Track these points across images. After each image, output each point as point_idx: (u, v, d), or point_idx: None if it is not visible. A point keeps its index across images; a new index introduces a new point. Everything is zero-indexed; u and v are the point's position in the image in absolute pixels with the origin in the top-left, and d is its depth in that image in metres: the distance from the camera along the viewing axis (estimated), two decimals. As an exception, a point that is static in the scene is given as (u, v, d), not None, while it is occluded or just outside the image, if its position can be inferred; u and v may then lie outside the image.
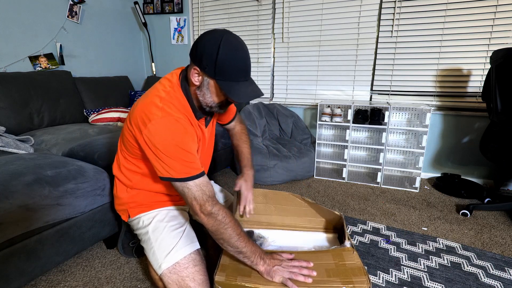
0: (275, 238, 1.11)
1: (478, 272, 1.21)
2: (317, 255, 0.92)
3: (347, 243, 0.96)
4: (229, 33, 0.83)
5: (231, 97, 0.82)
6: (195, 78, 0.85)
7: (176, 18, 3.02)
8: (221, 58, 0.79)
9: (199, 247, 0.99)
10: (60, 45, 2.34)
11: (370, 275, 1.19)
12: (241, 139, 1.23)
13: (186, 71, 0.91)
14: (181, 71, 0.92)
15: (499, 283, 1.15)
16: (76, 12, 2.44)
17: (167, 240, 0.94)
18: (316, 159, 2.34)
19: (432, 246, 1.40)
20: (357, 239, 1.46)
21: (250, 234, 1.11)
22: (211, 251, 1.26)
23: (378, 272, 1.22)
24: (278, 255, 0.87)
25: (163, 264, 0.89)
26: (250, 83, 0.87)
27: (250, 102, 2.73)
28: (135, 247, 1.26)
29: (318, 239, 1.10)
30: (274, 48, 2.69)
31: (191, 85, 0.89)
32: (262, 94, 0.88)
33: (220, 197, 1.28)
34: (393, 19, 2.21)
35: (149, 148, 0.82)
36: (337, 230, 1.12)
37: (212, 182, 1.35)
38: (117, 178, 1.05)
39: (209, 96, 0.87)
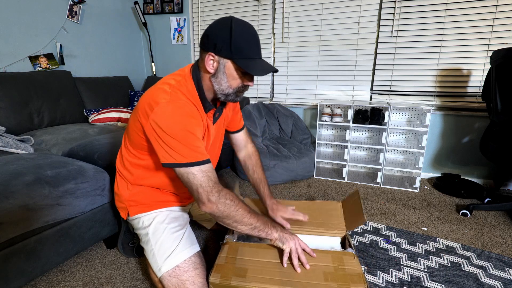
0: None
1: (478, 272, 1.21)
2: (316, 255, 0.91)
3: (349, 249, 0.95)
4: (234, 17, 0.86)
5: (250, 71, 0.83)
6: (210, 65, 0.85)
7: (176, 18, 3.02)
8: (235, 36, 0.82)
9: (199, 249, 0.98)
10: (60, 45, 2.34)
11: (370, 275, 1.19)
12: (257, 164, 1.22)
13: (197, 64, 0.91)
14: (192, 65, 0.93)
15: (499, 283, 1.15)
16: (76, 12, 2.44)
17: (167, 242, 0.93)
18: (316, 159, 2.34)
19: (432, 246, 1.40)
20: (357, 239, 1.46)
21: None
22: (211, 252, 1.26)
23: (378, 272, 1.22)
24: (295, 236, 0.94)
25: (163, 267, 0.89)
26: (263, 60, 0.89)
27: (250, 101, 2.73)
28: (135, 247, 1.26)
29: (320, 242, 1.09)
30: (274, 48, 2.69)
31: (204, 74, 0.89)
32: (277, 70, 0.90)
33: None
34: (393, 19, 2.21)
35: (155, 132, 0.80)
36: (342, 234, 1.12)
37: None
38: (119, 172, 1.04)
39: (225, 81, 0.87)
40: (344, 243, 1.07)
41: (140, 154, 0.96)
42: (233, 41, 0.81)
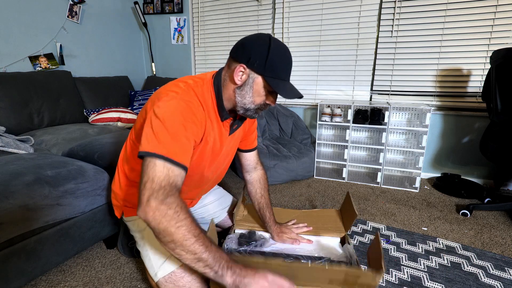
0: (274, 241, 1.10)
1: (478, 272, 1.21)
2: (327, 272, 0.79)
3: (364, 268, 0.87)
4: (272, 36, 0.87)
5: (280, 92, 0.82)
6: (239, 76, 0.83)
7: (176, 18, 3.02)
8: (272, 54, 0.81)
9: None
10: (60, 45, 2.34)
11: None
12: (265, 188, 1.17)
13: (221, 72, 0.89)
14: (215, 73, 0.91)
15: (499, 283, 1.15)
16: (76, 12, 2.44)
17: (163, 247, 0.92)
18: (316, 159, 2.34)
19: (432, 246, 1.40)
20: (357, 239, 1.46)
21: (251, 234, 1.11)
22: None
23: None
24: (266, 277, 0.68)
25: (159, 273, 0.88)
26: (291, 84, 0.89)
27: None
28: (135, 247, 1.26)
29: (321, 242, 1.09)
30: (274, 48, 2.68)
31: (229, 84, 0.86)
32: (302, 96, 0.88)
33: (220, 203, 1.27)
34: (393, 19, 2.21)
35: (150, 119, 0.75)
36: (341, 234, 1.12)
37: (215, 185, 1.35)
38: (120, 168, 1.02)
39: (250, 95, 0.85)
40: (343, 243, 1.07)
41: None
42: (270, 58, 0.81)
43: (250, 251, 0.99)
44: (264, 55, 0.81)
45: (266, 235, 1.13)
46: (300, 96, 0.86)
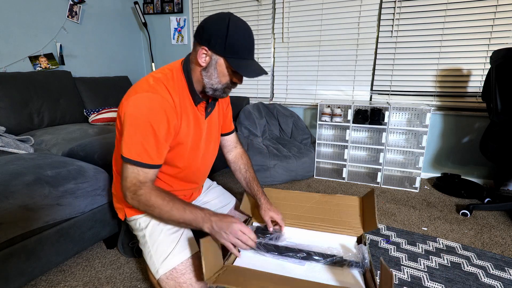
0: (291, 235, 1.10)
1: (478, 272, 1.21)
2: None
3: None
4: (233, 14, 0.86)
5: (241, 72, 0.84)
6: (203, 58, 0.85)
7: (176, 18, 3.02)
8: (230, 34, 0.81)
9: (198, 250, 0.97)
10: (60, 45, 2.34)
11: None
12: (248, 164, 1.22)
13: (188, 57, 0.92)
14: (183, 59, 0.94)
15: (499, 283, 1.15)
16: (76, 12, 2.44)
17: (164, 244, 0.92)
18: (316, 159, 2.34)
19: (432, 246, 1.40)
20: (357, 239, 1.46)
21: (267, 228, 1.09)
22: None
23: (378, 272, 1.22)
24: (232, 218, 0.87)
25: (160, 270, 0.88)
26: (255, 62, 0.89)
27: (250, 101, 2.73)
28: (135, 247, 1.26)
29: (333, 240, 1.08)
30: (274, 48, 2.69)
31: (195, 67, 0.89)
32: (267, 73, 0.89)
33: (220, 200, 1.27)
34: (393, 19, 2.21)
35: (123, 121, 0.82)
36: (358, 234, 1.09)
37: (214, 183, 1.35)
38: (115, 172, 1.03)
39: (216, 76, 0.87)
40: (359, 243, 1.06)
41: None
42: (228, 39, 0.81)
43: (264, 243, 0.99)
44: (223, 36, 0.81)
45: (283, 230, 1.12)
46: (264, 73, 0.88)
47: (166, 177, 1.01)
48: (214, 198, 1.26)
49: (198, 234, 1.06)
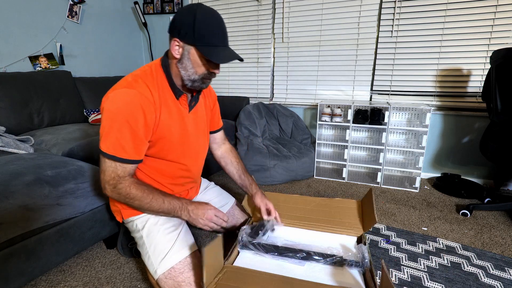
0: (290, 235, 1.10)
1: (478, 272, 1.21)
2: None
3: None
4: (202, 4, 0.88)
5: (211, 58, 0.84)
6: (176, 50, 0.87)
7: (176, 18, 3.02)
8: (198, 23, 0.83)
9: (197, 248, 0.97)
10: (60, 45, 2.34)
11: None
12: (238, 157, 1.27)
13: (166, 52, 0.93)
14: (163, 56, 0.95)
15: (499, 283, 1.15)
16: (76, 12, 2.44)
17: (162, 244, 0.92)
18: (316, 159, 2.34)
19: (432, 246, 1.40)
20: (357, 239, 1.46)
21: (260, 225, 1.09)
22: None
23: (378, 272, 1.22)
24: (207, 205, 0.96)
25: (159, 269, 0.88)
26: (228, 48, 0.89)
27: (250, 101, 2.73)
28: (134, 248, 1.26)
29: (333, 240, 1.08)
30: (274, 48, 2.69)
31: (172, 61, 0.90)
32: (241, 59, 0.89)
33: (219, 200, 1.27)
34: (393, 19, 2.21)
35: (102, 117, 0.84)
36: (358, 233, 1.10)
37: (212, 183, 1.35)
38: None
39: (191, 67, 0.88)
40: (359, 243, 1.06)
41: None
42: (197, 27, 0.82)
43: (264, 244, 0.99)
44: (191, 24, 0.83)
45: (279, 229, 1.12)
46: (239, 59, 0.88)
47: (162, 178, 1.01)
48: (212, 198, 1.26)
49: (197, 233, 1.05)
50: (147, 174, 1.00)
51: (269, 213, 1.12)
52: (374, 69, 2.36)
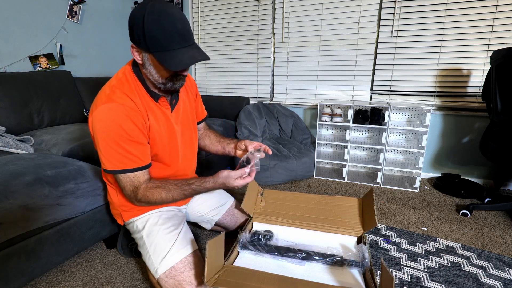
0: (290, 235, 1.10)
1: (478, 272, 1.21)
2: None
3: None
4: (154, 2, 0.77)
5: (166, 66, 0.78)
6: (137, 57, 0.85)
7: (176, 18, 3.02)
8: (147, 28, 0.75)
9: (197, 248, 0.97)
10: (60, 45, 2.34)
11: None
12: (219, 134, 1.29)
13: None
14: (132, 59, 0.93)
15: (499, 283, 1.15)
16: (76, 12, 2.44)
17: (162, 244, 0.93)
18: (316, 159, 2.34)
19: (432, 246, 1.40)
20: (357, 239, 1.46)
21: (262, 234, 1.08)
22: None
23: (378, 272, 1.22)
24: (221, 173, 0.95)
25: (159, 269, 0.88)
26: (190, 49, 0.80)
27: (250, 101, 2.73)
28: (133, 248, 1.26)
29: (333, 240, 1.08)
30: (274, 48, 2.69)
31: (140, 66, 0.89)
32: (206, 59, 0.81)
33: (218, 200, 1.27)
34: (393, 19, 2.21)
35: (95, 136, 0.84)
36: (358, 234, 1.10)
37: None
38: (106, 179, 1.05)
39: (154, 72, 0.85)
40: (359, 243, 1.06)
41: None
42: (147, 32, 0.75)
43: (264, 244, 0.99)
44: (141, 29, 0.76)
45: (276, 230, 1.12)
46: (196, 61, 0.79)
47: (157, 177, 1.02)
48: (212, 197, 1.26)
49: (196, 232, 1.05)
50: None
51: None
52: (374, 69, 2.36)
